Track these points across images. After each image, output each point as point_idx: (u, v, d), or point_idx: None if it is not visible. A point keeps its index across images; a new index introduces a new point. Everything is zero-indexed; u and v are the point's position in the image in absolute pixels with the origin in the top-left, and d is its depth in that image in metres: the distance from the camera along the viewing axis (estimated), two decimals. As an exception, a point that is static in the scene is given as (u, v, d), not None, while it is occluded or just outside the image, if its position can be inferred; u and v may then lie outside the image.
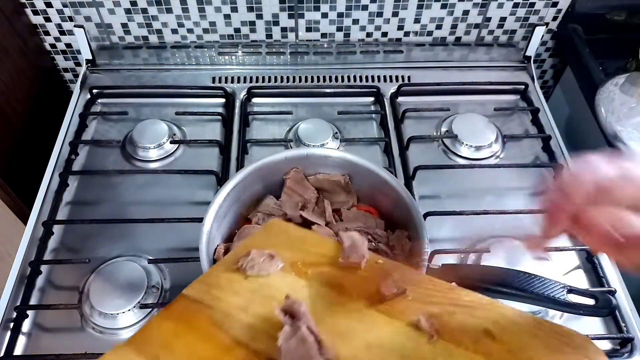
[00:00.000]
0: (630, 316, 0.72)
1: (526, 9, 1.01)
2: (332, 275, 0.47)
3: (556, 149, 0.92)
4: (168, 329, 0.43)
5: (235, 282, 0.47)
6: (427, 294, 0.46)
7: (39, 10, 0.99)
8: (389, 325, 0.43)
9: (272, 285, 0.46)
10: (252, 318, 0.43)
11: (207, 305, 0.44)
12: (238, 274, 0.47)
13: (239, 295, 0.45)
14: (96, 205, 0.83)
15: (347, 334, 0.42)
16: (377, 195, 0.70)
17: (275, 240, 0.52)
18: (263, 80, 1.01)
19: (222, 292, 0.45)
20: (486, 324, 0.42)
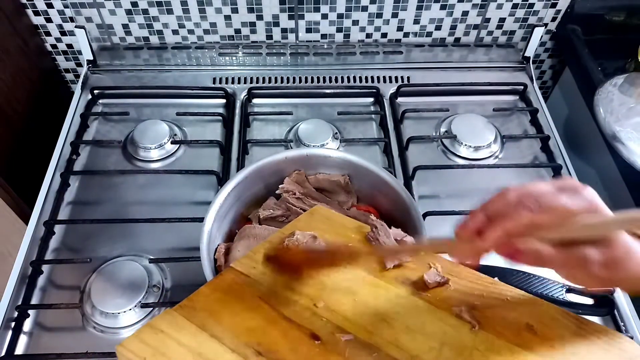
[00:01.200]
0: (629, 315, 0.72)
1: (525, 10, 1.01)
2: (374, 261, 0.48)
3: (555, 149, 0.92)
4: (216, 298, 0.45)
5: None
6: (469, 286, 0.46)
7: (40, 10, 0.99)
8: (431, 312, 0.44)
9: None
10: (296, 295, 0.44)
11: (255, 280, 0.46)
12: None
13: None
14: (97, 205, 0.83)
15: (390, 317, 0.43)
16: (376, 195, 0.71)
17: (319, 225, 0.54)
18: (263, 80, 1.02)
19: (268, 269, 0.47)
20: (527, 319, 0.43)
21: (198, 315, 0.43)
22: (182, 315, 0.43)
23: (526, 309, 0.44)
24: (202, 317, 0.43)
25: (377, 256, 0.50)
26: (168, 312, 0.43)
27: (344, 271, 0.47)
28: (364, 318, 0.42)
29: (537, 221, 0.38)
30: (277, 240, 0.51)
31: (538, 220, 0.38)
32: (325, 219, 0.56)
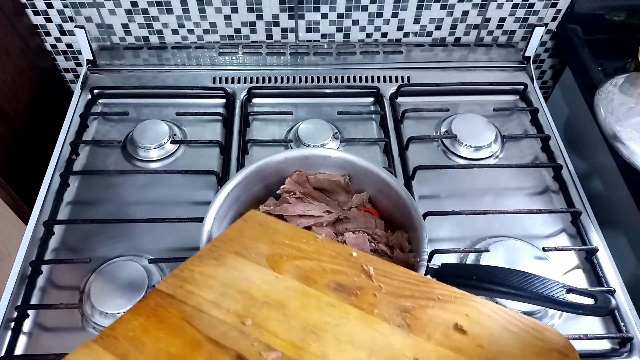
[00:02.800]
0: (629, 316, 0.72)
1: (525, 10, 1.01)
2: (307, 269, 0.48)
3: (555, 149, 0.92)
4: (138, 324, 0.42)
5: (209, 276, 0.46)
6: (401, 287, 0.46)
7: (40, 10, 0.99)
8: (362, 319, 0.43)
9: (246, 279, 0.46)
10: (224, 314, 0.42)
11: (180, 300, 0.44)
12: (212, 267, 0.47)
13: (212, 290, 0.45)
14: (97, 205, 0.83)
15: (319, 328, 0.42)
16: (376, 195, 0.70)
17: (252, 233, 0.53)
18: (263, 80, 1.01)
19: (196, 287, 0.45)
20: (458, 318, 0.43)
21: (120, 345, 0.40)
22: (101, 346, 0.40)
23: (457, 307, 0.44)
24: (123, 347, 0.40)
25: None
26: (87, 345, 0.40)
27: (275, 282, 0.46)
28: (292, 333, 0.41)
29: None
30: (206, 254, 0.49)
31: None
32: (259, 225, 0.54)
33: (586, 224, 0.82)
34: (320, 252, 0.51)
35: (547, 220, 0.83)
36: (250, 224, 0.55)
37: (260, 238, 0.52)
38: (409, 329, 0.42)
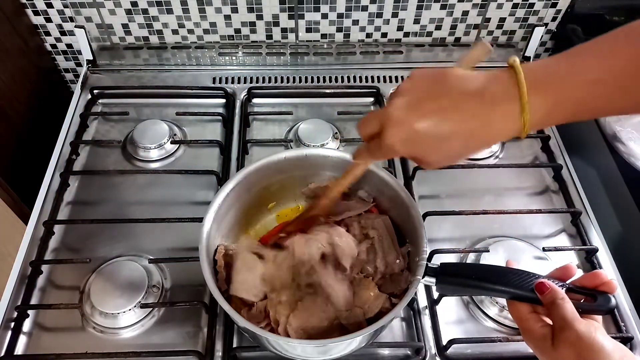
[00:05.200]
0: (629, 315, 0.72)
1: (525, 10, 1.01)
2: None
3: (555, 149, 0.92)
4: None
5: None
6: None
7: (40, 10, 0.99)
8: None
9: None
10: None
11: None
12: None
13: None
14: (97, 205, 0.83)
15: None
16: (376, 195, 0.70)
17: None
18: (263, 80, 1.01)
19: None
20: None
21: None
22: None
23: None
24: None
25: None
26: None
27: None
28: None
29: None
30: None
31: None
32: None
33: (586, 224, 0.82)
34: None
35: (547, 220, 0.83)
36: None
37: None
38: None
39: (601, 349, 0.45)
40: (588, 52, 0.41)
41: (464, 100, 0.42)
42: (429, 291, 0.74)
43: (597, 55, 0.40)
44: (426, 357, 0.68)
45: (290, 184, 0.74)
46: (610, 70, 0.39)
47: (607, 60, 0.40)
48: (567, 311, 0.48)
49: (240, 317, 0.56)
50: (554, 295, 0.49)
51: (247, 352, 0.69)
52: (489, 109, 0.42)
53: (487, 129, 0.43)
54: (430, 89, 0.44)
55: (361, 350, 0.63)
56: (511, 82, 0.42)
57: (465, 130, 0.43)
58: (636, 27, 0.40)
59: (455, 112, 0.43)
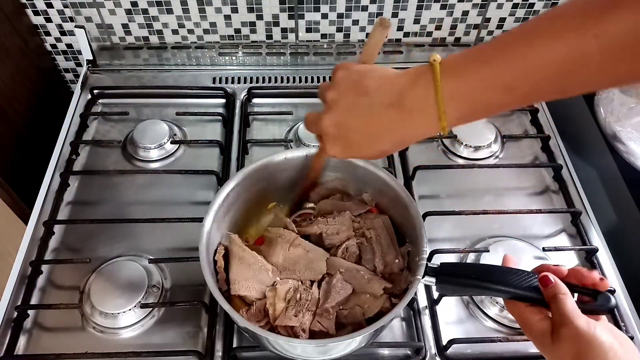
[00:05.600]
0: (629, 316, 0.72)
1: (525, 10, 1.01)
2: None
3: (555, 149, 0.92)
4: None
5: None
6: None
7: (40, 10, 0.99)
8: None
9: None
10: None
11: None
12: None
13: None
14: (97, 205, 0.83)
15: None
16: (376, 195, 0.70)
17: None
18: (263, 80, 1.01)
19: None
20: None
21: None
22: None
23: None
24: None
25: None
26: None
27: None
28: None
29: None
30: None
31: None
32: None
33: (586, 224, 0.82)
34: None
35: (547, 220, 0.83)
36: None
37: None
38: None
39: (600, 345, 0.45)
40: (503, 54, 0.40)
41: (385, 113, 0.46)
42: (429, 291, 0.74)
43: (511, 59, 0.39)
44: (426, 357, 0.68)
45: (290, 184, 0.73)
46: (521, 77, 0.39)
47: (519, 64, 0.39)
48: (568, 306, 0.48)
49: (240, 317, 0.56)
50: (556, 289, 0.49)
51: (247, 352, 0.69)
52: (407, 119, 0.45)
53: (409, 132, 0.47)
54: (354, 103, 0.48)
55: (361, 350, 0.63)
56: (429, 91, 0.43)
57: (390, 136, 0.47)
58: (541, 26, 0.38)
59: (379, 125, 0.47)
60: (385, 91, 0.46)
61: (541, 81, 0.39)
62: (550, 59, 0.37)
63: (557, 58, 0.37)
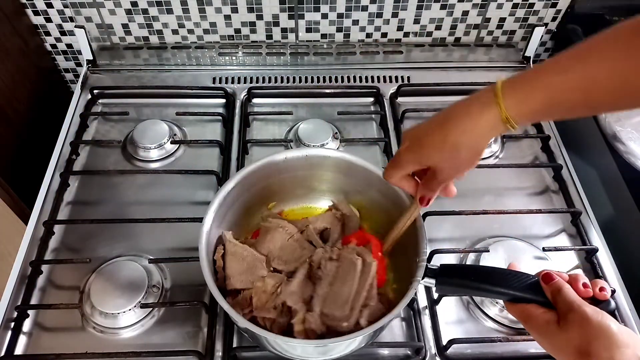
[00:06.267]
0: (629, 316, 0.72)
1: (525, 10, 1.01)
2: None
3: (555, 149, 0.92)
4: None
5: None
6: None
7: (40, 10, 0.99)
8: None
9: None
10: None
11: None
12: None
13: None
14: (97, 205, 0.83)
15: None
16: (376, 195, 0.70)
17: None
18: (263, 80, 1.01)
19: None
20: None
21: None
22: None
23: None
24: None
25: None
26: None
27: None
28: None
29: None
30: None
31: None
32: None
33: (586, 224, 0.82)
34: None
35: (547, 220, 0.83)
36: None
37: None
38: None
39: (608, 328, 0.45)
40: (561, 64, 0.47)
41: (452, 109, 0.52)
42: (429, 291, 0.74)
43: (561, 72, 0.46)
44: (426, 357, 0.68)
45: (290, 184, 0.74)
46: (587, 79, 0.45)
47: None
48: (574, 296, 0.49)
49: (240, 317, 0.56)
50: (559, 284, 0.50)
51: (247, 352, 0.69)
52: (472, 105, 0.50)
53: (473, 120, 0.49)
54: (425, 122, 0.54)
55: (361, 350, 0.63)
56: (490, 86, 0.49)
57: (456, 124, 0.50)
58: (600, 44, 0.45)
59: (446, 118, 0.52)
60: (455, 104, 0.52)
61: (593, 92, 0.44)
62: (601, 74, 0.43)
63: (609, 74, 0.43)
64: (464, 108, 0.50)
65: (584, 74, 0.44)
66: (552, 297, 0.50)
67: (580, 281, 0.51)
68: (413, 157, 0.54)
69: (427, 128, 0.53)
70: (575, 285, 0.50)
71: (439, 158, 0.52)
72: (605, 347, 0.44)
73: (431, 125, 0.53)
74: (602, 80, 0.43)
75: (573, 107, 0.46)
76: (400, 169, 0.56)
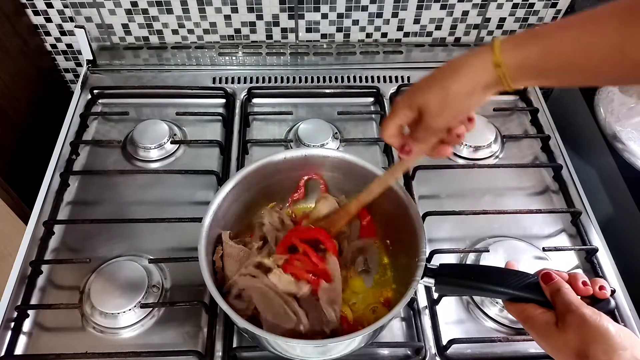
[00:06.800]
0: (629, 316, 0.72)
1: (525, 10, 1.01)
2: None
3: (555, 149, 0.92)
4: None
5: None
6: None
7: (40, 10, 0.99)
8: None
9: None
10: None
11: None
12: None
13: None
14: (97, 205, 0.83)
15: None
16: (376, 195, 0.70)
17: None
18: (263, 80, 1.01)
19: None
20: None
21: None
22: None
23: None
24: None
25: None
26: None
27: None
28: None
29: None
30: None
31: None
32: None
33: (586, 224, 0.82)
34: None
35: (547, 220, 0.83)
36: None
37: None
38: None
39: (606, 331, 0.45)
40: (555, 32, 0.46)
41: (452, 60, 0.50)
42: (429, 291, 0.74)
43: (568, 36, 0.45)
44: (426, 357, 0.68)
45: (290, 184, 0.74)
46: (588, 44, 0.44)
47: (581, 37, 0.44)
48: (573, 297, 0.49)
49: (239, 318, 0.56)
50: (558, 284, 0.50)
51: (247, 352, 0.69)
52: (470, 55, 0.49)
53: (471, 68, 0.48)
54: (427, 74, 0.52)
55: (361, 350, 0.63)
56: (489, 45, 0.48)
57: (455, 71, 0.49)
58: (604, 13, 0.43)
59: (446, 67, 0.50)
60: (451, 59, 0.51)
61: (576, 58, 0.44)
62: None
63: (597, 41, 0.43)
64: (460, 57, 0.50)
65: (581, 33, 0.44)
66: (550, 297, 0.50)
67: (579, 279, 0.51)
68: (406, 100, 0.53)
69: (424, 76, 0.52)
70: (574, 284, 0.50)
71: (428, 97, 0.51)
72: (603, 350, 0.44)
73: (428, 76, 0.52)
74: (597, 44, 0.43)
75: (569, 65, 0.45)
76: (394, 116, 0.54)
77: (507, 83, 0.47)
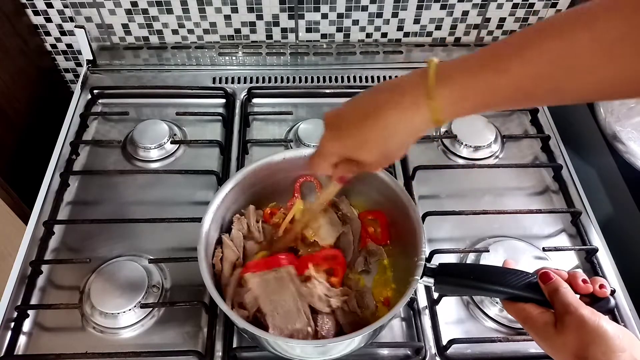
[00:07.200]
0: (629, 316, 0.72)
1: (525, 10, 1.01)
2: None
3: (555, 149, 0.92)
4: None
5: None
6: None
7: (40, 10, 0.99)
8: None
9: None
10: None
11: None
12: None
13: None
14: (97, 205, 0.83)
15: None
16: (375, 196, 0.70)
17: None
18: (263, 80, 1.01)
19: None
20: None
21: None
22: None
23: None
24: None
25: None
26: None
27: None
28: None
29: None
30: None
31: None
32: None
33: (586, 224, 0.82)
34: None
35: (547, 220, 0.83)
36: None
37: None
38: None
39: (604, 333, 0.45)
40: (497, 60, 0.43)
41: (379, 94, 0.50)
42: (429, 291, 0.74)
43: (500, 69, 0.42)
44: (426, 357, 0.68)
45: (290, 184, 0.74)
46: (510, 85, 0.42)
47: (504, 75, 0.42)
48: (571, 297, 0.48)
49: (239, 318, 0.56)
50: (557, 283, 0.50)
51: (247, 352, 0.69)
52: (398, 98, 0.48)
53: (400, 115, 0.48)
54: (354, 98, 0.53)
55: (361, 350, 0.63)
56: (423, 77, 0.46)
57: (382, 115, 0.48)
58: (528, 37, 0.41)
59: (373, 104, 0.50)
60: (381, 84, 0.52)
61: (538, 78, 0.41)
62: (545, 58, 0.40)
63: (552, 56, 0.39)
64: (392, 101, 0.48)
65: (523, 72, 0.41)
66: (549, 297, 0.50)
67: (579, 278, 0.50)
68: (339, 149, 0.53)
69: (353, 117, 0.52)
70: (574, 282, 0.50)
71: (367, 155, 0.51)
72: (602, 352, 0.44)
73: (357, 114, 0.51)
74: (542, 77, 0.41)
75: (511, 105, 0.46)
76: (326, 160, 0.56)
77: (442, 122, 0.47)
